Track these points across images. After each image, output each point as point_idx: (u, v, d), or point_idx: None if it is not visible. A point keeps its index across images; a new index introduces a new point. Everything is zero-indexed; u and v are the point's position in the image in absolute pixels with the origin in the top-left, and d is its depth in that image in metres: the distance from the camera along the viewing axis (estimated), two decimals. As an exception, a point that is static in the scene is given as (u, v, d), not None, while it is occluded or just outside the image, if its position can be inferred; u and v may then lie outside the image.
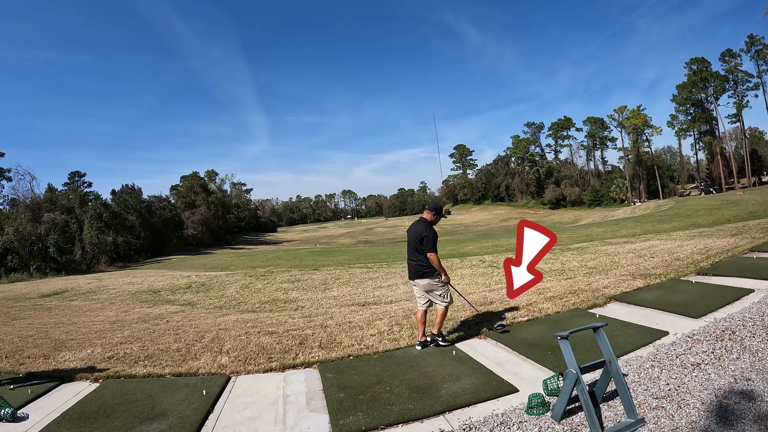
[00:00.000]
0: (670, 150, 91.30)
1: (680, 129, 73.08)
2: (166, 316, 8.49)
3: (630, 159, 79.79)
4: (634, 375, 3.56)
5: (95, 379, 4.38)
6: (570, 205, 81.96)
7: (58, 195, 51.74)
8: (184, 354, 5.09)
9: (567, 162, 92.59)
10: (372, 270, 13.92)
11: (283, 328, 6.23)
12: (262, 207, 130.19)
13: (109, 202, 57.80)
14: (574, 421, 2.95)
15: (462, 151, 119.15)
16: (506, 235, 37.18)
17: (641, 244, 12.95)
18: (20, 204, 44.09)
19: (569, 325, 4.93)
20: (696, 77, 66.48)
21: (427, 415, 3.25)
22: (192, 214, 71.24)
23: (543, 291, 7.28)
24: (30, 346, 6.03)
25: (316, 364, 4.51)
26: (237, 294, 11.48)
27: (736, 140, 71.29)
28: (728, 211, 31.73)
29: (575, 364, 2.89)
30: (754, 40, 60.79)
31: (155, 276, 18.85)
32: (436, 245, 4.73)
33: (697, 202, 46.14)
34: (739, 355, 3.67)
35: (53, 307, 11.36)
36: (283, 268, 17.76)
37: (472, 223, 70.88)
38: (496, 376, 3.86)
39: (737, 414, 2.76)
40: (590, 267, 9.89)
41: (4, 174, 50.80)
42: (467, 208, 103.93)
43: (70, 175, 67.33)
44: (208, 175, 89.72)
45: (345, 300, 9.15)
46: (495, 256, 15.02)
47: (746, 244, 9.47)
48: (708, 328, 4.47)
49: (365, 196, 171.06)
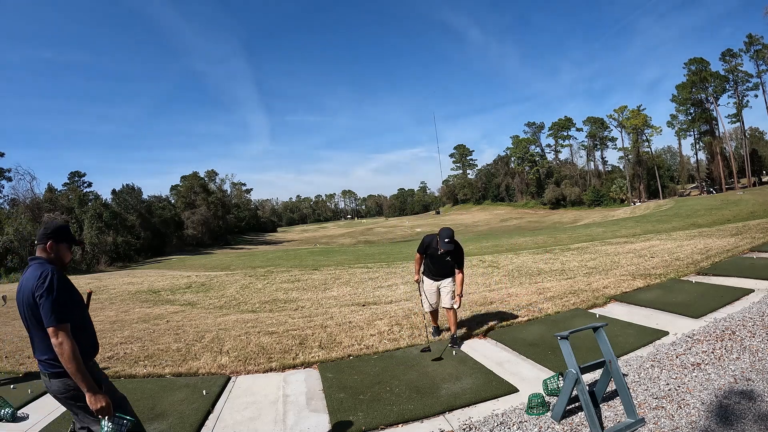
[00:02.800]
0: (670, 150, 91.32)
1: (680, 129, 73.07)
2: (166, 316, 8.49)
3: (630, 159, 79.78)
4: (634, 375, 3.56)
5: (95, 379, 4.38)
6: (570, 205, 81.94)
7: (58, 195, 51.80)
8: (184, 354, 5.09)
9: (567, 162, 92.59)
10: (372, 270, 13.92)
11: (283, 328, 6.23)
12: (262, 207, 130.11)
13: (109, 202, 57.78)
14: (574, 421, 2.95)
15: (462, 151, 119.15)
16: (506, 235, 37.19)
17: (641, 244, 12.95)
18: (20, 204, 44.14)
19: (569, 325, 4.93)
20: (695, 77, 66.45)
21: (427, 415, 3.25)
22: (192, 214, 71.21)
23: (543, 291, 7.28)
24: (30, 346, 6.02)
25: (316, 364, 4.51)
26: (237, 294, 11.48)
27: (736, 140, 71.29)
28: (728, 211, 31.73)
29: (575, 364, 2.89)
30: (753, 40, 60.78)
31: (155, 276, 18.85)
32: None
33: (697, 202, 46.14)
34: (739, 355, 3.67)
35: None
36: (283, 268, 17.76)
37: (472, 223, 70.85)
38: (496, 376, 3.86)
39: (737, 414, 2.76)
40: (590, 267, 9.89)
41: (4, 174, 50.89)
42: (467, 208, 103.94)
43: (70, 175, 67.49)
44: (208, 175, 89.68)
45: (345, 300, 9.15)
46: (495, 256, 15.01)
47: (746, 244, 9.47)
48: (708, 328, 4.47)
49: (365, 196, 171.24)
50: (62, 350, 1.96)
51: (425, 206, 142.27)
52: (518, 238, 29.68)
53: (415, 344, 4.85)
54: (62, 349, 1.96)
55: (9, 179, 49.36)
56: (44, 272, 2.04)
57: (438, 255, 4.78)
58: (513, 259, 13.31)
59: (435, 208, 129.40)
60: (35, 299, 2.00)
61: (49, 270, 2.06)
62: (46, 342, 2.03)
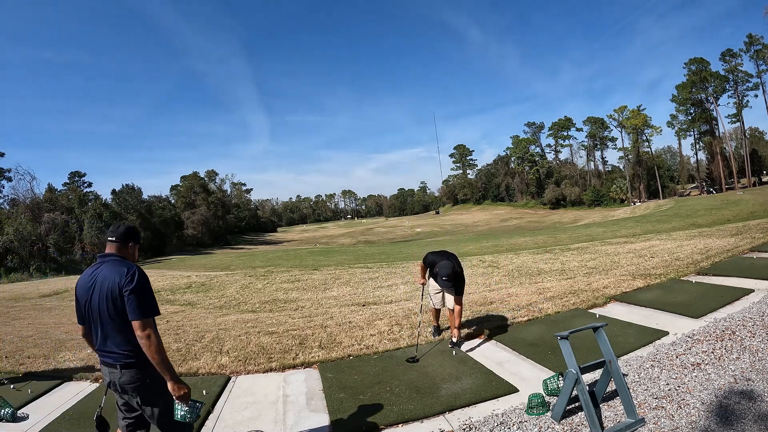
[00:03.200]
0: (670, 150, 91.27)
1: (680, 129, 73.06)
2: (166, 316, 8.48)
3: (630, 159, 79.78)
4: (634, 375, 3.56)
5: (95, 379, 4.38)
6: (570, 205, 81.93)
7: (58, 195, 51.76)
8: (184, 354, 5.08)
9: (567, 162, 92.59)
10: (372, 270, 13.91)
11: (283, 328, 6.23)
12: (262, 207, 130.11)
13: (109, 202, 57.77)
14: (574, 421, 2.95)
15: (462, 151, 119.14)
16: (506, 235, 37.17)
17: (641, 244, 12.95)
18: (20, 204, 44.09)
19: (569, 325, 4.93)
20: (695, 77, 66.44)
21: (427, 415, 3.25)
22: (192, 214, 71.21)
23: (543, 291, 7.28)
24: (30, 346, 6.03)
25: (316, 364, 4.51)
26: (237, 294, 11.47)
27: (736, 140, 71.27)
28: (728, 211, 31.72)
29: (575, 364, 2.89)
30: (753, 39, 60.77)
31: (155, 276, 18.84)
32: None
33: (697, 202, 46.13)
34: (739, 355, 3.67)
35: (53, 307, 11.36)
36: (283, 268, 17.77)
37: (472, 223, 70.87)
38: (496, 376, 3.86)
39: (737, 414, 2.76)
40: (590, 267, 9.89)
41: (4, 174, 50.80)
42: (467, 208, 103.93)
43: (70, 175, 67.42)
44: (208, 175, 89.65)
45: (345, 300, 9.15)
46: (495, 256, 15.01)
47: (746, 244, 9.47)
48: (708, 328, 4.47)
49: (365, 196, 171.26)
50: (149, 342, 2.11)
51: (425, 206, 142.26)
52: (518, 238, 29.68)
53: (416, 344, 4.85)
54: (149, 341, 2.11)
55: (9, 179, 49.30)
56: (131, 269, 2.21)
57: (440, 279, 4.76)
58: (513, 259, 13.31)
59: (435, 208, 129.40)
60: (122, 293, 2.14)
61: (134, 268, 2.24)
62: (124, 335, 2.17)
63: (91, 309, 2.24)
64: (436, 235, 51.63)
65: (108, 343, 2.22)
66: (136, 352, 2.17)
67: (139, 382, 2.21)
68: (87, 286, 2.26)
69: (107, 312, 2.18)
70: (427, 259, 4.93)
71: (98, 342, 2.26)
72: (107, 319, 2.20)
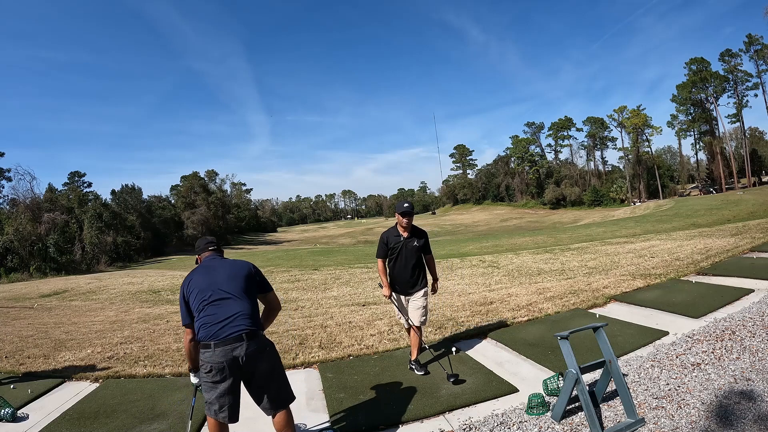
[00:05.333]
0: (670, 150, 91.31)
1: (680, 129, 73.08)
2: (166, 316, 8.48)
3: (630, 159, 79.78)
4: (634, 375, 3.56)
5: (95, 379, 4.38)
6: (570, 205, 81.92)
7: (58, 195, 51.79)
8: (184, 354, 5.08)
9: (567, 162, 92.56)
10: (372, 270, 13.91)
11: (283, 328, 6.23)
12: (262, 207, 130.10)
13: (109, 202, 57.85)
14: (574, 421, 2.95)
15: (462, 151, 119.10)
16: (506, 235, 37.18)
17: (641, 244, 12.95)
18: (20, 204, 44.07)
19: (569, 325, 4.93)
20: (696, 77, 66.46)
21: (427, 415, 3.25)
22: (192, 214, 71.24)
23: (543, 291, 7.28)
24: (30, 346, 6.03)
25: (316, 364, 4.51)
26: (237, 294, 11.45)
27: (736, 140, 71.24)
28: (728, 211, 31.74)
29: (575, 364, 2.89)
30: (753, 39, 60.77)
31: (155, 276, 18.84)
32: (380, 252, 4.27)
33: (697, 202, 46.13)
34: (739, 355, 3.67)
35: (53, 307, 11.36)
36: (283, 268, 17.77)
37: (472, 223, 70.87)
38: (496, 376, 3.86)
39: (737, 414, 2.75)
40: (590, 267, 9.89)
41: (4, 174, 50.87)
42: (467, 208, 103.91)
43: (70, 175, 67.40)
44: (208, 175, 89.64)
45: (345, 300, 9.15)
46: (495, 256, 15.01)
47: (746, 244, 9.46)
48: (708, 328, 4.47)
49: (365, 196, 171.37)
50: (276, 305, 2.91)
51: (425, 206, 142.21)
52: (518, 238, 29.69)
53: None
54: (277, 303, 2.91)
55: (9, 179, 49.32)
56: (248, 262, 2.81)
57: (403, 249, 4.07)
58: (513, 259, 13.32)
59: (433, 208, 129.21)
60: (256, 274, 2.76)
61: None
62: (254, 308, 2.66)
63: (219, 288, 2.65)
64: (436, 235, 51.58)
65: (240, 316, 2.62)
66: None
67: (265, 346, 2.86)
68: (220, 272, 2.69)
69: (240, 287, 2.67)
70: (381, 240, 4.23)
71: (230, 316, 2.58)
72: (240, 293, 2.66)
